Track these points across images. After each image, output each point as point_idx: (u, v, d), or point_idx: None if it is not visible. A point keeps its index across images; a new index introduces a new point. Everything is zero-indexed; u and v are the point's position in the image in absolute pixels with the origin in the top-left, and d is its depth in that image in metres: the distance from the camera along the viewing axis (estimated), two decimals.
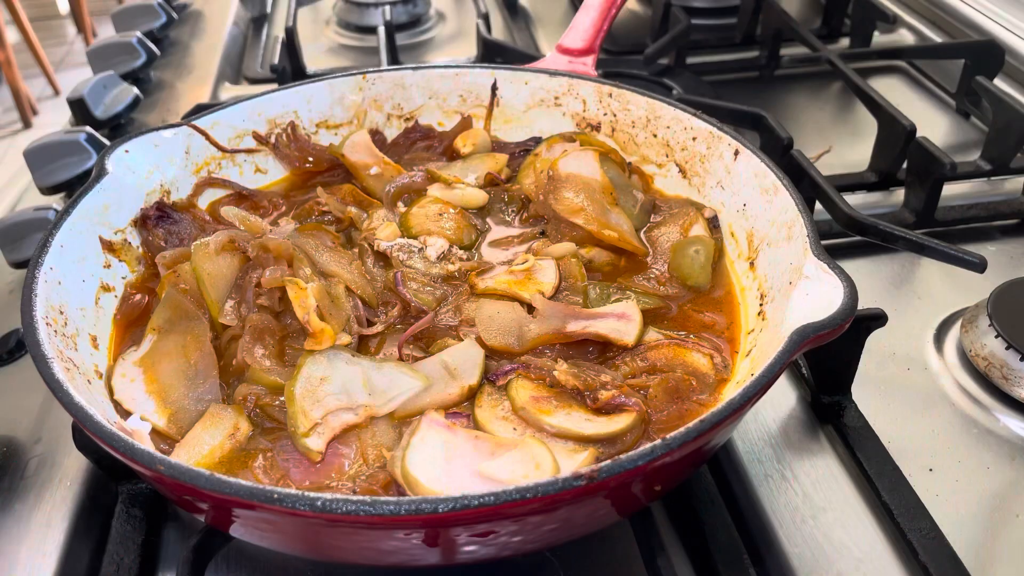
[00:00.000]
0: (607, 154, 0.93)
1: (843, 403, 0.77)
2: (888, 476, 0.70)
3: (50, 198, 1.10)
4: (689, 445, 0.53)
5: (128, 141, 0.86)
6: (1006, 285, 0.84)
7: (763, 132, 1.07)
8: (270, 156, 0.98)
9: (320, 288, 0.73)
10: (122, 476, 0.73)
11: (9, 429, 0.80)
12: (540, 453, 0.61)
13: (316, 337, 0.70)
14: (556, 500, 0.50)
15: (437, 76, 1.02)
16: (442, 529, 0.53)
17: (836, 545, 0.67)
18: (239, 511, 0.55)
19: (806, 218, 0.72)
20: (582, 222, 0.84)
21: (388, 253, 0.83)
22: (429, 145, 1.02)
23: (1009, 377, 0.79)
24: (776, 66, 1.40)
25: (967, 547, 0.67)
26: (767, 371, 0.57)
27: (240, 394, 0.70)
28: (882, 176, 1.08)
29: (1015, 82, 1.29)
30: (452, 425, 0.65)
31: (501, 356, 0.74)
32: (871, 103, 1.10)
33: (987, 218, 1.03)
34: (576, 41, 1.07)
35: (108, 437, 0.55)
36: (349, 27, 1.62)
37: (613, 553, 0.70)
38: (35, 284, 0.68)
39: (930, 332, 0.88)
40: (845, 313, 0.60)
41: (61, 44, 5.31)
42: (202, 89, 1.38)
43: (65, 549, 0.69)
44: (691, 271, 0.82)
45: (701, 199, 0.90)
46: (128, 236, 0.83)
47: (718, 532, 0.68)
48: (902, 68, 1.42)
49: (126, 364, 0.73)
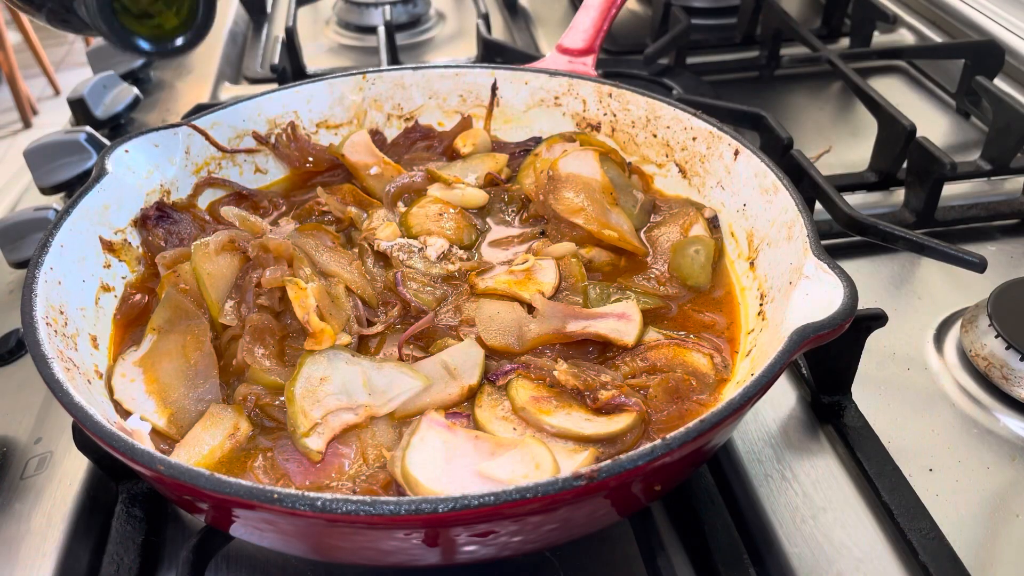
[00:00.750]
0: (607, 154, 0.93)
1: (843, 403, 0.77)
2: (888, 476, 0.70)
3: (50, 198, 1.10)
4: (689, 445, 0.53)
5: (128, 141, 0.86)
6: (1006, 285, 0.84)
7: (763, 132, 1.07)
8: (270, 156, 0.98)
9: (320, 288, 0.73)
10: (122, 476, 0.73)
11: (9, 429, 0.80)
12: (540, 453, 0.61)
13: (316, 337, 0.70)
14: (556, 500, 0.50)
15: (437, 76, 1.02)
16: (442, 529, 0.53)
17: (836, 545, 0.67)
18: (239, 511, 0.55)
19: (806, 218, 0.72)
20: (582, 222, 0.84)
21: (388, 253, 0.83)
22: (429, 145, 1.02)
23: (1009, 377, 0.79)
24: (776, 66, 1.40)
25: (967, 547, 0.67)
26: (767, 371, 0.57)
27: (240, 394, 0.70)
28: (882, 176, 1.08)
29: (1015, 82, 1.29)
30: (452, 425, 0.65)
31: (501, 356, 0.74)
32: (871, 103, 1.10)
33: (987, 218, 1.03)
34: (576, 41, 1.07)
35: (108, 437, 0.55)
36: (349, 27, 1.62)
37: (613, 553, 0.70)
38: (35, 284, 0.68)
39: (930, 332, 0.88)
40: (845, 313, 0.60)
41: (61, 44, 5.31)
42: (202, 89, 1.38)
43: (65, 549, 0.69)
44: (691, 271, 0.82)
45: (701, 199, 0.90)
46: (128, 236, 0.83)
47: (718, 532, 0.68)
48: (902, 68, 1.42)
49: (126, 364, 0.73)
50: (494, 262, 0.84)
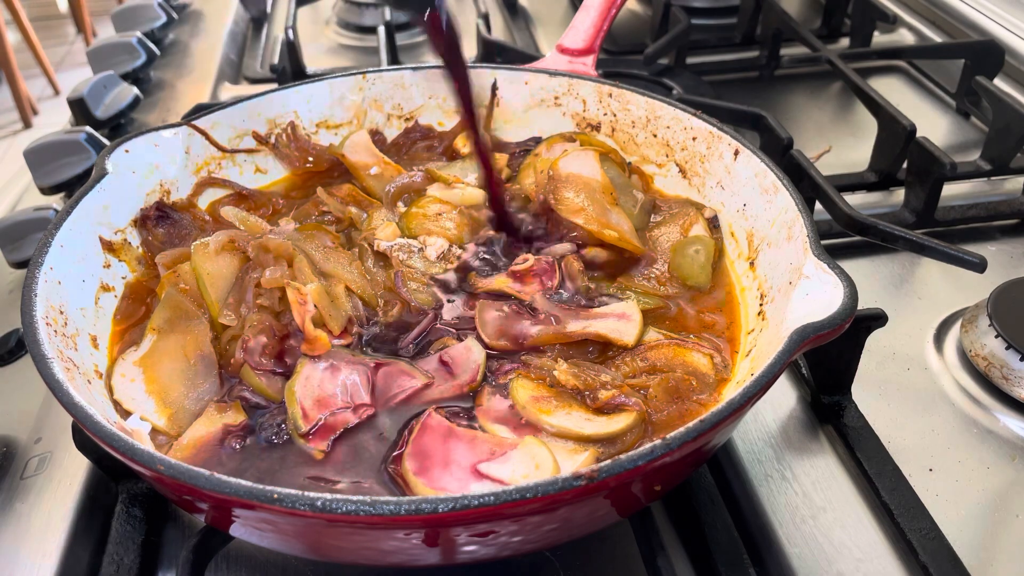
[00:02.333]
0: (607, 154, 0.93)
1: (843, 403, 0.77)
2: (888, 476, 0.70)
3: (50, 198, 1.10)
4: (689, 445, 0.53)
5: (128, 141, 0.86)
6: (1006, 285, 0.84)
7: (763, 132, 1.07)
8: (270, 156, 0.98)
9: (319, 289, 0.73)
10: (122, 476, 0.73)
11: (9, 429, 0.80)
12: (540, 453, 0.61)
13: (311, 343, 0.70)
14: (556, 500, 0.50)
15: (437, 76, 1.02)
16: (442, 529, 0.53)
17: (836, 545, 0.67)
18: (239, 511, 0.54)
19: (806, 218, 0.72)
20: (582, 222, 0.84)
21: (388, 253, 0.83)
22: (429, 145, 1.02)
23: (1009, 377, 0.79)
24: (776, 66, 1.40)
25: (967, 547, 0.67)
26: (767, 371, 0.57)
27: (240, 393, 0.69)
28: (882, 176, 1.08)
29: (1015, 82, 1.29)
30: (452, 425, 0.65)
31: (501, 356, 0.74)
32: (871, 103, 1.10)
33: (987, 218, 1.03)
34: (576, 41, 1.07)
35: (108, 437, 0.55)
36: (349, 27, 1.62)
37: (613, 553, 0.70)
38: (35, 284, 0.68)
39: (930, 332, 0.88)
40: (845, 313, 0.60)
41: (61, 44, 5.31)
42: (202, 89, 1.38)
43: (65, 549, 0.69)
44: (691, 271, 0.82)
45: (701, 199, 0.90)
46: (128, 236, 0.83)
47: (718, 532, 0.68)
48: (902, 68, 1.42)
49: (126, 364, 0.73)
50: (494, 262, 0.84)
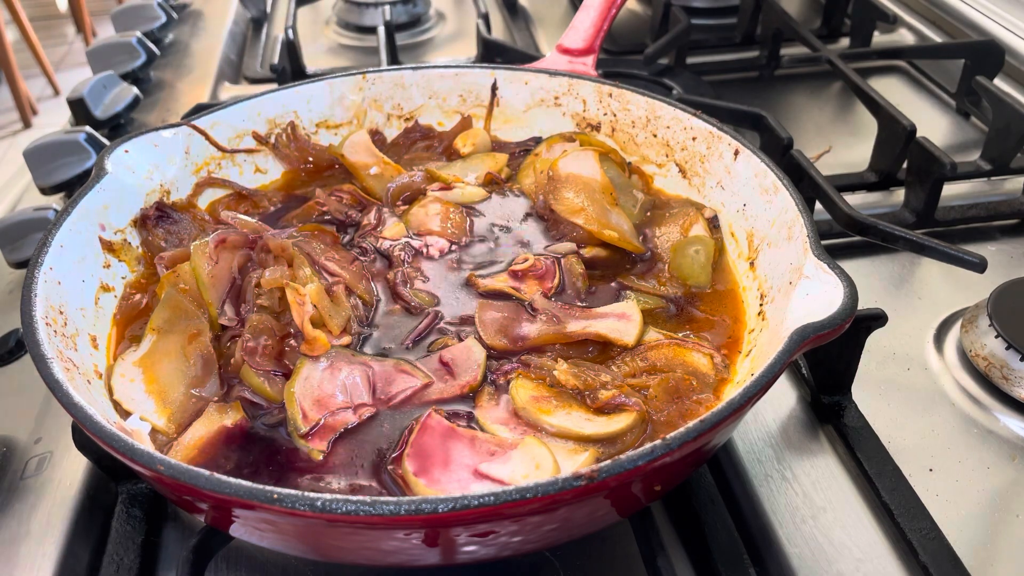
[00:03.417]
0: (607, 154, 0.93)
1: (843, 403, 0.77)
2: (888, 476, 0.70)
3: (50, 198, 1.10)
4: (689, 445, 0.53)
5: (128, 141, 0.86)
6: (1006, 285, 0.84)
7: (763, 132, 1.07)
8: (270, 156, 0.98)
9: (319, 289, 0.73)
10: (122, 476, 0.73)
11: (9, 429, 0.80)
12: (540, 453, 0.61)
13: (310, 344, 0.70)
14: (556, 500, 0.50)
15: (437, 76, 1.02)
16: (442, 529, 0.53)
17: (836, 545, 0.67)
18: (239, 511, 0.54)
19: (806, 218, 0.72)
20: (582, 222, 0.84)
21: (389, 253, 0.83)
22: (429, 145, 1.02)
23: (1009, 377, 0.79)
24: (776, 66, 1.40)
25: (967, 547, 0.67)
26: (767, 371, 0.57)
27: (239, 393, 0.69)
28: (882, 176, 1.08)
29: (1015, 82, 1.29)
30: (452, 425, 0.65)
31: (501, 355, 0.73)
32: (871, 103, 1.10)
33: (987, 218, 1.03)
34: (576, 41, 1.07)
35: (108, 437, 0.55)
36: (349, 27, 1.62)
37: (613, 553, 0.70)
38: (35, 284, 0.68)
39: (930, 332, 0.88)
40: (845, 313, 0.60)
41: (61, 44, 5.31)
42: (202, 89, 1.38)
43: (65, 549, 0.69)
44: (691, 271, 0.82)
45: (701, 199, 0.90)
46: (128, 236, 0.83)
47: (718, 532, 0.68)
48: (902, 68, 1.42)
49: (126, 364, 0.73)
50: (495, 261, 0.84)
